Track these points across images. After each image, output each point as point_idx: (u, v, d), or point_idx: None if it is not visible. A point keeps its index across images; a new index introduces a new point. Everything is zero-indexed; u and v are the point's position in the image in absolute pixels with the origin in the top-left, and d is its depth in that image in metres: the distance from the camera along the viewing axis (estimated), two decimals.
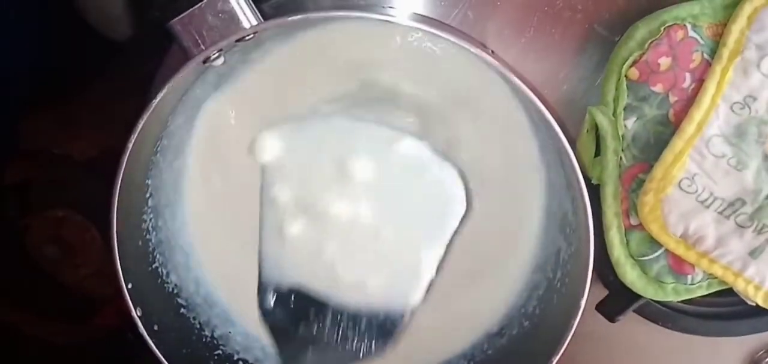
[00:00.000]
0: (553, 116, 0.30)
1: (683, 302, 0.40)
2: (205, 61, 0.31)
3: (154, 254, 0.38)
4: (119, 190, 0.33)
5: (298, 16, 0.31)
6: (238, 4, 0.31)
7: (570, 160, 0.32)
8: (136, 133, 0.32)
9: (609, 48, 0.37)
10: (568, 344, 0.33)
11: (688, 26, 0.35)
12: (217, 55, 0.31)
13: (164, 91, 0.31)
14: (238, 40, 0.31)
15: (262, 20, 0.31)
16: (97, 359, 0.52)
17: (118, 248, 0.34)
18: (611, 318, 0.40)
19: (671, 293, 0.38)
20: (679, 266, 0.38)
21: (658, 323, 0.42)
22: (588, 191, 0.32)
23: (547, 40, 0.38)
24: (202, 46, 0.30)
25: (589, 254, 0.32)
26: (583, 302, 0.33)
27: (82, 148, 0.50)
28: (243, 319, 0.40)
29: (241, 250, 0.39)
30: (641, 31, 0.36)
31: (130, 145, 0.32)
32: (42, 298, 0.51)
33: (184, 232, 0.39)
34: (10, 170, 0.50)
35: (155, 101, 0.31)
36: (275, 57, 0.36)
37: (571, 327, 0.33)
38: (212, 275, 0.40)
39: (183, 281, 0.39)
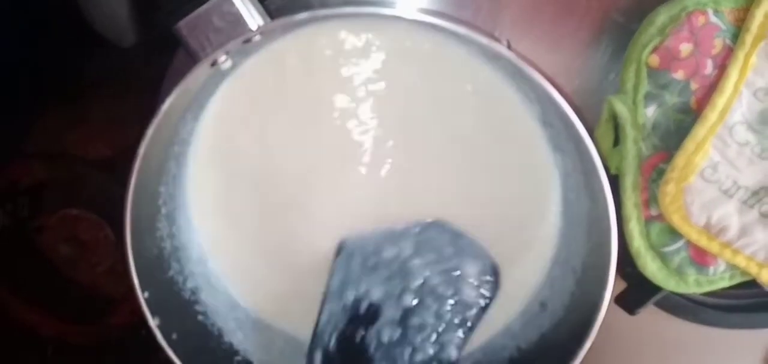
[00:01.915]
0: (571, 108, 0.29)
1: (704, 294, 0.38)
2: (212, 65, 0.30)
3: (170, 261, 0.36)
4: (132, 200, 0.32)
5: (306, 14, 0.30)
6: (244, 4, 0.29)
7: (589, 153, 0.30)
8: (146, 141, 0.30)
9: (625, 36, 0.36)
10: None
11: (710, 11, 0.34)
12: (224, 58, 0.30)
13: (172, 97, 0.29)
14: (245, 42, 0.30)
15: (268, 20, 0.30)
16: (113, 358, 0.52)
17: (133, 257, 0.33)
18: (631, 311, 0.39)
19: (693, 285, 0.37)
20: (700, 258, 0.37)
21: (678, 316, 0.41)
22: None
23: (562, 30, 0.37)
24: (209, 50, 0.29)
25: (612, 247, 0.31)
26: (607, 297, 0.31)
27: (95, 147, 0.49)
28: (262, 323, 0.39)
29: (258, 255, 0.38)
30: (662, 16, 0.34)
31: (142, 153, 0.31)
32: (57, 298, 0.50)
33: (200, 239, 0.38)
34: (23, 171, 0.49)
35: (164, 108, 0.30)
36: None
37: (595, 323, 0.32)
38: (230, 281, 0.39)
39: (199, 288, 0.38)
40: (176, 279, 0.37)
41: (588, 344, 0.32)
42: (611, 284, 0.32)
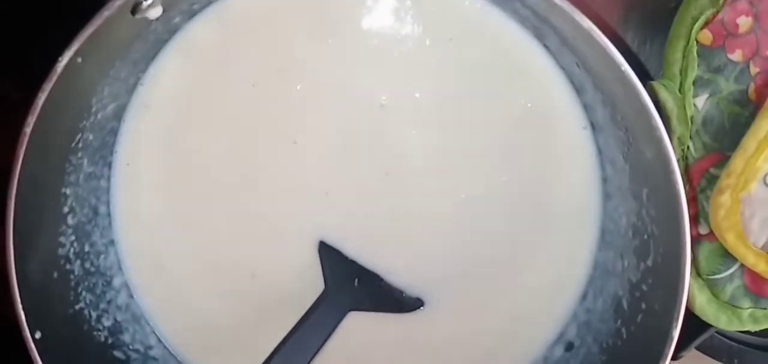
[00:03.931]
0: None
1: (758, 332, 0.32)
2: (134, 11, 0.20)
3: (79, 290, 0.28)
4: (15, 201, 0.22)
5: None
6: None
7: (657, 129, 0.23)
8: (35, 115, 0.21)
9: (666, 10, 0.30)
10: None
11: None
12: (150, 1, 0.20)
13: (70, 53, 0.20)
14: None
15: None
16: None
17: (18, 281, 0.23)
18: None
19: (748, 322, 0.31)
20: (757, 287, 0.30)
21: (721, 361, 0.34)
22: None
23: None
24: None
25: (686, 257, 0.23)
26: (675, 334, 0.24)
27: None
28: None
29: (203, 287, 0.30)
30: None
31: (28, 131, 0.21)
32: None
33: (124, 263, 0.30)
34: None
35: (59, 67, 0.20)
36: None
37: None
38: (161, 318, 0.30)
39: (121, 327, 0.29)
40: (87, 315, 0.28)
41: None
42: (681, 319, 0.23)
